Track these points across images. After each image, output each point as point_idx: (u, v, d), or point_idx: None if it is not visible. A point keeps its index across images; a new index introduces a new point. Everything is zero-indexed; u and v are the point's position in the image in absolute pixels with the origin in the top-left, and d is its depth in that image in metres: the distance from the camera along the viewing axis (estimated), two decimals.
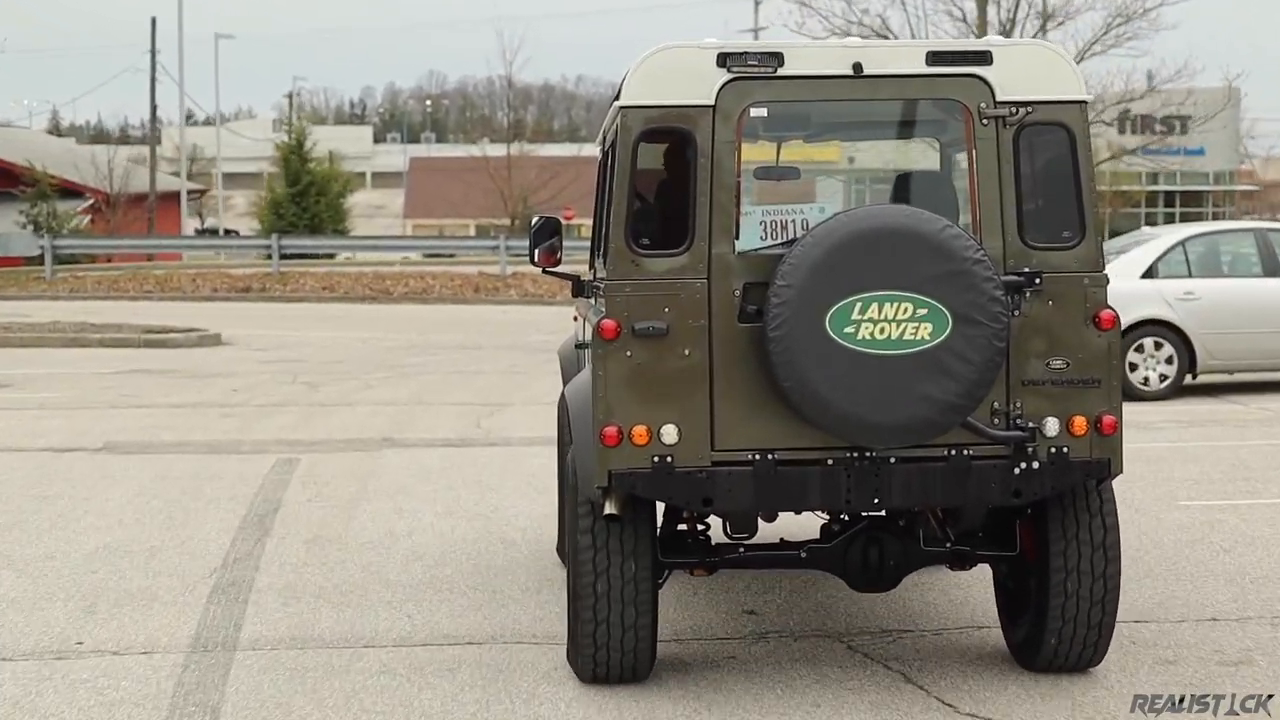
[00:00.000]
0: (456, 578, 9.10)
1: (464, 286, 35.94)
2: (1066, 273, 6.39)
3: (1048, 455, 6.36)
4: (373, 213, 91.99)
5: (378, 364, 22.31)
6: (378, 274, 37.09)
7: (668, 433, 6.28)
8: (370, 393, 18.79)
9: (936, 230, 6.09)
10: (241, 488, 12.24)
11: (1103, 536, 6.59)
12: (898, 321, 6.05)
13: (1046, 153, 6.47)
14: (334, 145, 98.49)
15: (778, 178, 7.80)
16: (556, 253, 7.71)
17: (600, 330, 6.30)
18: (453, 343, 25.84)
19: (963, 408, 6.15)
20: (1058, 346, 6.38)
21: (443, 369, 21.61)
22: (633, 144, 6.35)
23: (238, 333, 27.02)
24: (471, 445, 14.54)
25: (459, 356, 23.48)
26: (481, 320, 30.44)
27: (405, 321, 29.98)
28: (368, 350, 24.44)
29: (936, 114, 6.99)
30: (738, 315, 6.33)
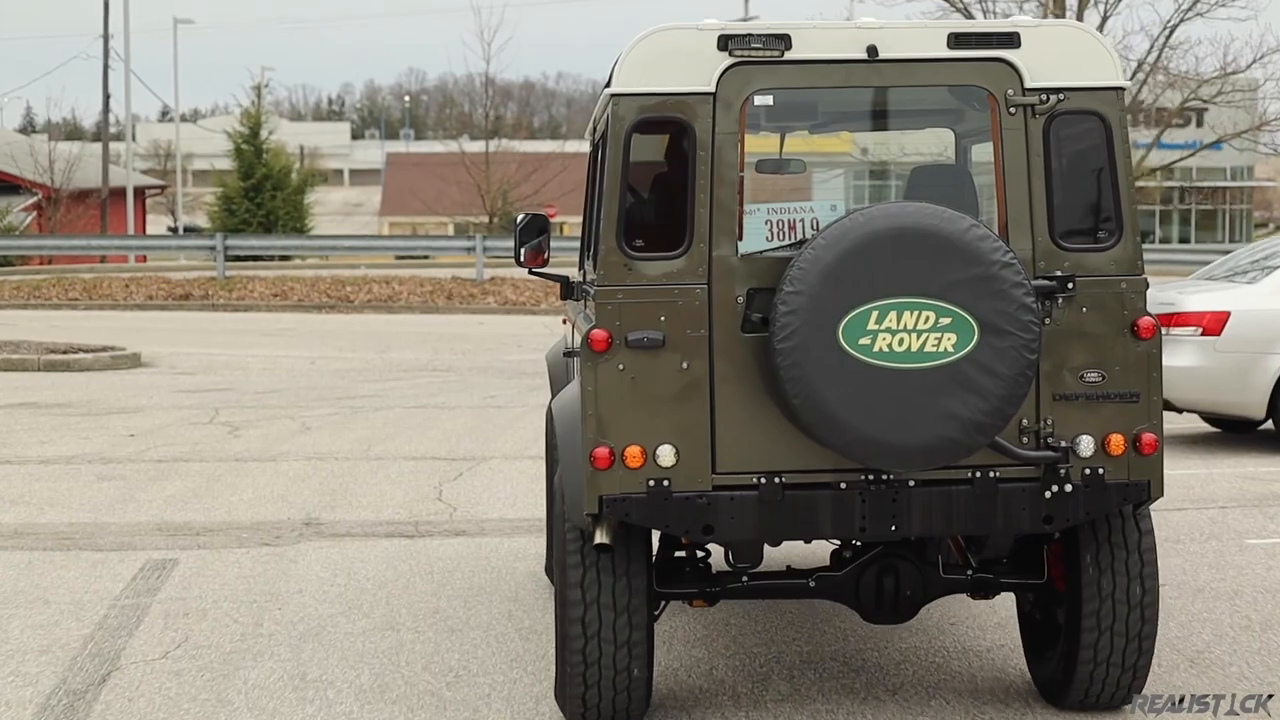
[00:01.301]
0: None
1: (435, 293, 31.67)
2: (1102, 276, 6.07)
3: (1082, 477, 6.05)
4: (351, 210, 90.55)
5: (323, 394, 18.15)
6: (337, 279, 32.77)
7: (664, 454, 5.93)
8: (305, 439, 14.62)
9: (961, 231, 5.74)
10: (71, 626, 8.07)
11: (1140, 569, 6.30)
12: (918, 332, 5.72)
13: (1080, 144, 6.13)
14: (311, 142, 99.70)
15: (780, 171, 7.37)
16: (543, 252, 7.18)
17: (590, 341, 5.94)
18: (418, 363, 21.69)
19: (990, 427, 5.80)
20: (1093, 357, 6.06)
21: (403, 401, 17.46)
22: (625, 136, 5.98)
23: (163, 350, 22.81)
24: (429, 534, 10.40)
25: (424, 383, 19.34)
26: (454, 334, 26.23)
27: (365, 336, 25.77)
28: (315, 375, 20.27)
29: (953, 102, 6.72)
30: (741, 324, 5.99)
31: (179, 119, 66.11)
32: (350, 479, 12.47)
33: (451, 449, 14.03)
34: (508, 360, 22.02)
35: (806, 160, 7.84)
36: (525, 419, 15.88)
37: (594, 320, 6.02)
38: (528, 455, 13.51)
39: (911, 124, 7.41)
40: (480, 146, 49.48)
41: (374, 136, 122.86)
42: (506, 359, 22.22)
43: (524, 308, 30.72)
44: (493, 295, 31.61)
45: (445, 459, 13.47)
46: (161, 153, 72.11)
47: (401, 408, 16.95)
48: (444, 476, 12.58)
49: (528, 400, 17.43)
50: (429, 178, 58.22)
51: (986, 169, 6.33)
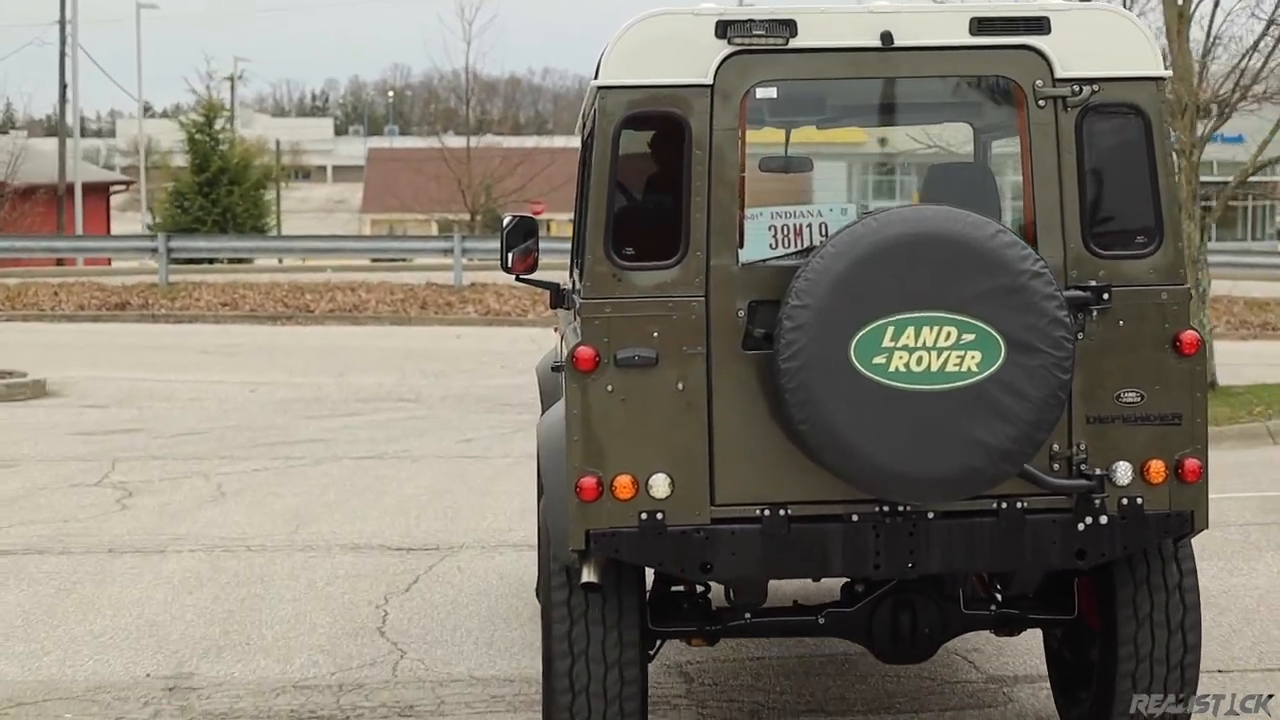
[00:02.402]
0: None
1: (407, 301, 27.77)
2: (1141, 286, 5.71)
3: (1118, 508, 5.68)
4: (333, 207, 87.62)
5: (256, 437, 14.55)
6: (295, 285, 28.80)
7: (658, 484, 5.54)
8: (214, 513, 11.01)
9: (986, 237, 5.37)
10: None
11: (1181, 616, 5.93)
12: (939, 349, 5.36)
13: (1116, 140, 5.74)
14: (293, 137, 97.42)
15: (787, 169, 7.10)
16: (532, 257, 6.48)
17: (575, 359, 5.54)
18: (381, 391, 18.07)
19: (1018, 455, 5.43)
20: (1130, 376, 5.69)
21: (354, 448, 13.86)
22: (613, 132, 5.59)
23: (78, 375, 19.14)
24: (358, 716, 6.72)
25: (384, 420, 15.73)
26: (427, 350, 22.53)
27: (322, 353, 22.04)
28: (252, 408, 16.65)
29: (973, 94, 6.26)
30: (742, 341, 5.60)
31: (142, 110, 62.24)
32: (260, 589, 8.82)
33: (408, 531, 10.38)
34: (488, 386, 18.39)
35: (814, 153, 7.52)
36: (509, 477, 12.27)
37: (580, 336, 5.66)
38: (510, 542, 9.91)
39: (928, 119, 7.08)
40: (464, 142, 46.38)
41: (358, 133, 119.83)
42: (487, 384, 18.60)
43: (508, 318, 26.90)
44: (473, 303, 27.73)
45: (398, 549, 9.83)
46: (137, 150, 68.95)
47: (351, 459, 13.31)
48: (393, 584, 8.94)
49: (511, 446, 13.80)
50: (412, 174, 55.42)
51: (1009, 167, 6.04)
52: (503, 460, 13.17)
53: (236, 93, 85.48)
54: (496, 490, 11.83)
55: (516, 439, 14.20)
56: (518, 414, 15.84)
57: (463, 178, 41.60)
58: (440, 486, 12.02)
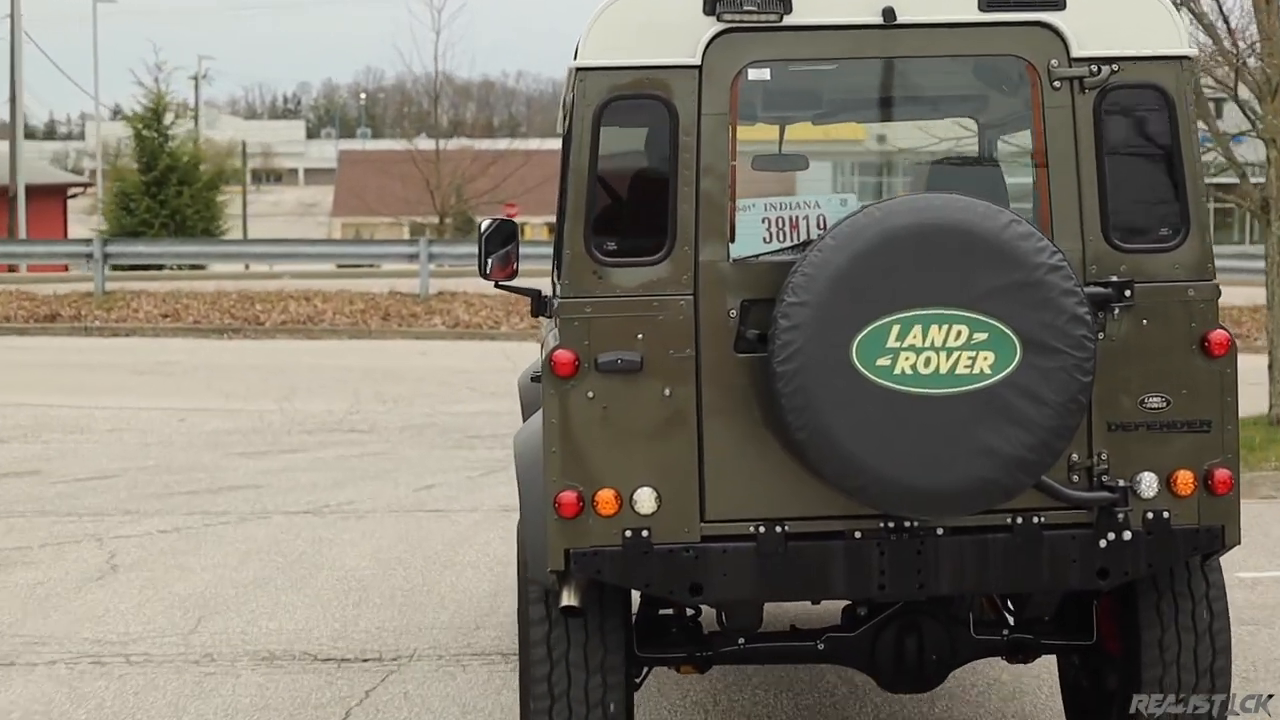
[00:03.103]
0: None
1: (368, 312, 25.14)
2: (1166, 282, 5.38)
3: (1143, 522, 5.35)
4: (305, 211, 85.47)
5: (173, 483, 12.18)
6: (245, 294, 26.14)
7: (643, 499, 5.22)
8: (97, 597, 8.67)
9: (999, 227, 5.06)
10: None
11: (1209, 623, 5.63)
12: (948, 350, 5.04)
13: (1138, 125, 5.44)
14: (264, 139, 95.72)
15: (780, 168, 6.92)
16: (512, 263, 6.06)
17: (553, 363, 5.21)
18: (330, 419, 15.67)
19: (1035, 465, 5.10)
20: (1155, 379, 5.37)
21: (289, 499, 11.49)
22: (593, 118, 5.28)
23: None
24: None
25: (331, 458, 13.35)
26: (387, 369, 20.02)
27: (270, 372, 19.55)
28: (177, 442, 14.25)
29: (980, 80, 5.99)
30: (734, 343, 5.28)
31: (98, 110, 59.41)
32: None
33: (343, 629, 7.98)
34: (455, 414, 15.98)
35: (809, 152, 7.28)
36: (477, 540, 9.91)
37: (558, 339, 5.27)
38: (478, 648, 7.53)
39: (931, 111, 6.82)
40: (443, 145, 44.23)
41: (330, 135, 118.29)
42: (453, 411, 16.20)
43: (479, 331, 24.35)
44: (440, 315, 25.14)
45: (327, 659, 7.45)
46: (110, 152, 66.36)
47: (283, 514, 10.90)
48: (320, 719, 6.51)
49: (481, 496, 11.43)
50: (384, 176, 53.50)
51: (1020, 166, 5.84)
52: (470, 516, 10.77)
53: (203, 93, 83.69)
54: (461, 560, 9.43)
55: (487, 485, 11.80)
56: (488, 448, 13.48)
57: (431, 178, 39.17)
58: (390, 554, 9.60)
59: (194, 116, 58.42)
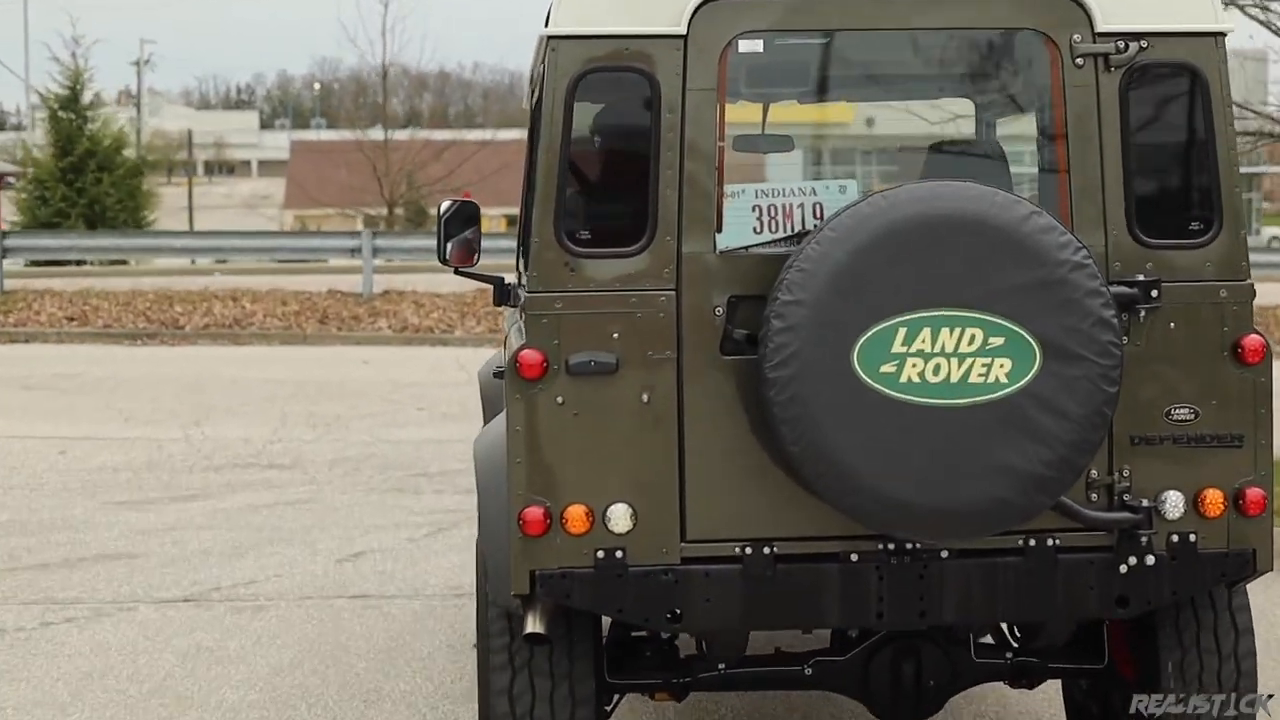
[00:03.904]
0: None
1: (303, 314, 22.25)
2: (1196, 281, 5.01)
3: (1167, 545, 5.01)
4: (257, 203, 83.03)
5: (20, 551, 9.74)
6: (163, 294, 23.18)
7: (617, 516, 4.83)
8: None
9: (1019, 219, 4.65)
10: None
11: (1233, 642, 5.29)
12: (960, 356, 4.67)
13: (1168, 107, 5.07)
14: (217, 130, 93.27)
15: (763, 149, 6.35)
16: (473, 248, 5.70)
17: (518, 364, 4.82)
18: (246, 451, 12.92)
19: (1054, 483, 4.74)
20: (1183, 388, 5.01)
21: (169, 576, 9.01)
22: (566, 92, 4.87)
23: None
24: None
25: (237, 508, 10.69)
26: (321, 381, 17.15)
27: (182, 388, 16.64)
28: (50, 485, 11.58)
29: (973, 58, 5.53)
30: (720, 344, 4.91)
31: (28, 92, 56.26)
32: None
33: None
34: (399, 441, 13.24)
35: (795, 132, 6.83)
36: (413, 652, 7.41)
37: (525, 337, 4.88)
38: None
39: (924, 91, 6.33)
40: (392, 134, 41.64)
41: (284, 126, 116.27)
42: (397, 437, 13.46)
43: (430, 335, 21.53)
44: (385, 316, 22.30)
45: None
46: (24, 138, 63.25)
47: (155, 603, 8.19)
48: None
49: (425, 568, 8.80)
50: (337, 167, 51.11)
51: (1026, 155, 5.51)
52: (408, 607, 8.04)
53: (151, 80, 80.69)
54: (394, 691, 6.64)
55: (433, 551, 9.09)
56: (436, 492, 10.81)
57: (379, 163, 36.35)
58: (290, 686, 6.88)
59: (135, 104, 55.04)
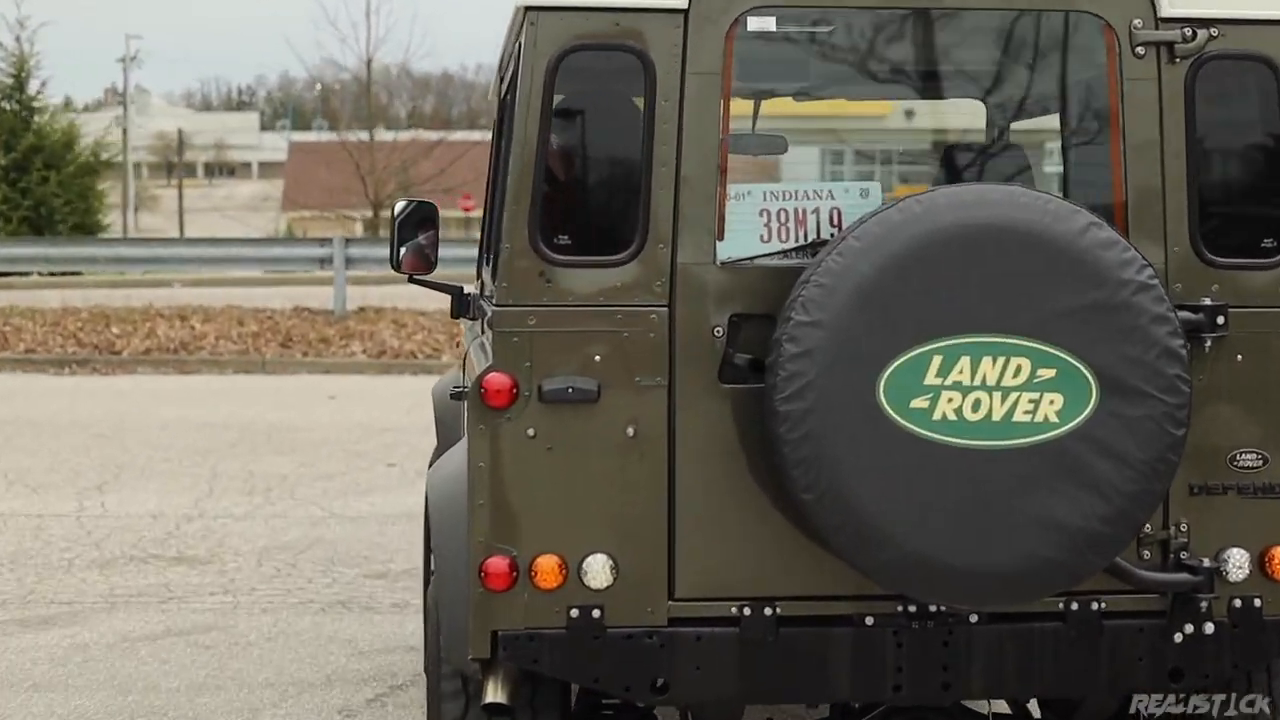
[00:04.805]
0: None
1: (262, 335, 19.00)
2: (1267, 307, 4.50)
3: (1228, 611, 4.51)
4: (258, 205, 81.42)
5: None
6: (98, 312, 19.90)
7: (595, 569, 4.32)
8: None
9: (1075, 232, 4.12)
10: None
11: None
12: (1005, 390, 4.14)
13: (1239, 105, 4.57)
14: (217, 131, 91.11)
15: (756, 151, 5.71)
16: (430, 254, 5.22)
17: (484, 390, 4.29)
18: (147, 536, 9.83)
19: (1111, 542, 4.21)
20: (1250, 430, 4.51)
21: None
22: (546, 73, 4.34)
23: None
24: None
25: (104, 638, 7.58)
26: (275, 426, 13.86)
27: (95, 436, 13.25)
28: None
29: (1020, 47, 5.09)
30: (720, 370, 4.40)
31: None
32: None
33: None
34: (360, 517, 10.20)
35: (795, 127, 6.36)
36: None
37: (491, 358, 4.34)
38: None
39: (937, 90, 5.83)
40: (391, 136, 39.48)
41: (285, 128, 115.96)
42: (357, 511, 10.41)
43: (411, 361, 18.19)
44: (359, 338, 18.94)
45: None
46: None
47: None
48: None
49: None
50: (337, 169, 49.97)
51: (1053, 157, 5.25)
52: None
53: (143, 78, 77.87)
54: None
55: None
56: (396, 610, 8.16)
57: (363, 162, 33.53)
58: None
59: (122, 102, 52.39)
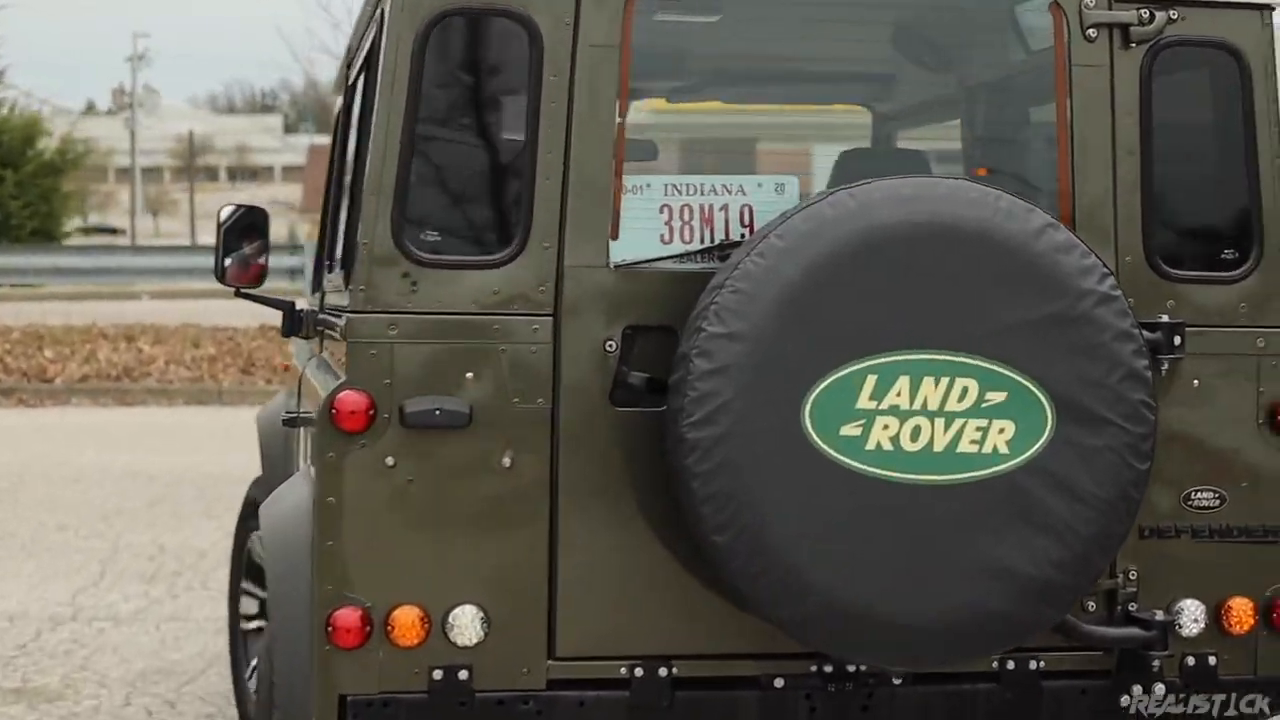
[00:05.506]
0: None
1: (220, 360, 16.34)
2: (1227, 327, 4.10)
3: (1181, 670, 4.12)
4: (279, 210, 79.26)
5: None
6: (30, 332, 17.31)
7: (463, 623, 3.80)
8: None
9: (1030, 234, 3.64)
10: None
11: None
12: (948, 416, 3.63)
13: (1200, 98, 4.19)
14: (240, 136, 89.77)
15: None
16: (258, 263, 4.71)
17: (335, 412, 3.73)
18: (3, 643, 6.94)
19: (1065, 592, 3.73)
20: (1206, 465, 4.10)
21: None
22: (415, 43, 3.81)
23: None
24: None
25: None
26: (211, 476, 11.11)
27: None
28: None
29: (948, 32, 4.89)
30: (612, 391, 3.85)
31: None
32: None
33: None
34: None
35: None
36: None
37: (344, 374, 3.79)
38: None
39: (819, 92, 5.72)
40: None
41: (308, 130, 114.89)
42: None
43: None
44: None
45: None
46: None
47: None
48: None
49: None
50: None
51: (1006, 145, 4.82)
52: None
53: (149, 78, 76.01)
54: None
55: None
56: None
57: None
58: None
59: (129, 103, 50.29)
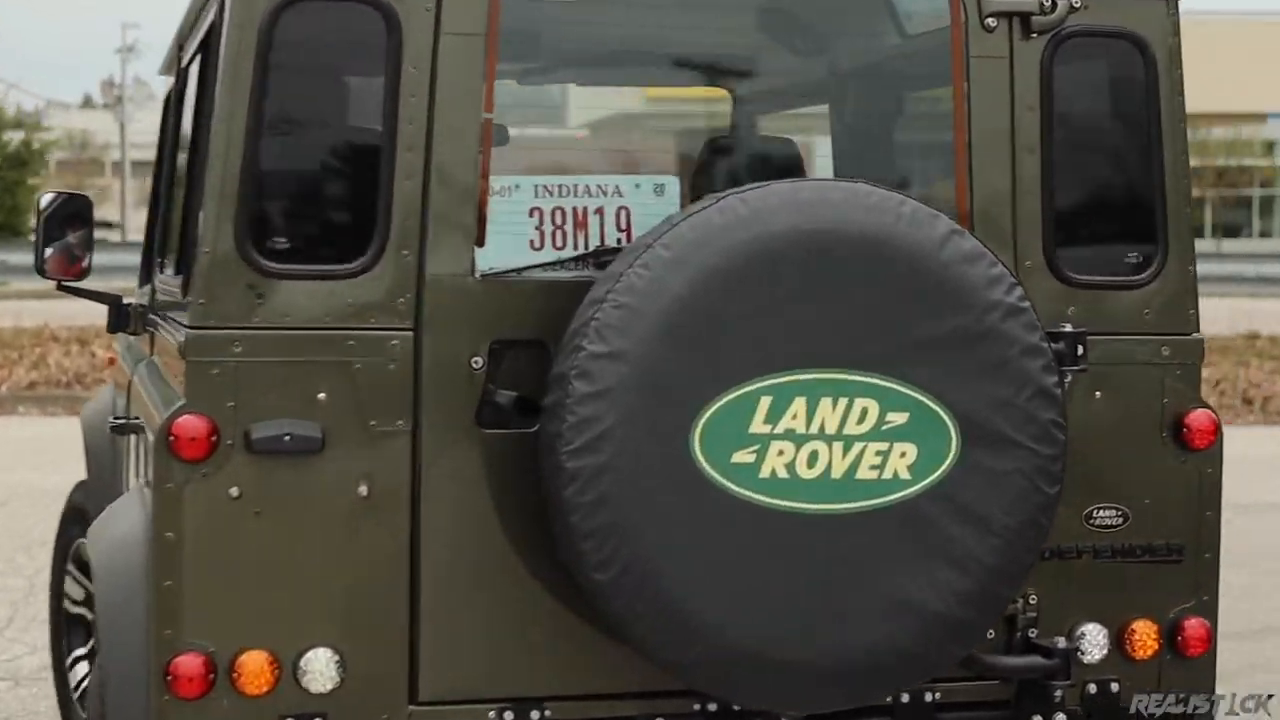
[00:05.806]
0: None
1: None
2: (1130, 334, 3.92)
3: (1082, 698, 3.93)
4: None
5: None
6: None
7: (316, 667, 3.52)
8: None
9: (934, 241, 3.43)
10: None
11: None
12: (847, 440, 3.44)
13: (1102, 92, 4.02)
14: None
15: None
16: (82, 256, 4.53)
17: (173, 439, 3.42)
18: None
19: (972, 627, 3.55)
20: (1107, 482, 3.93)
21: None
22: (260, 31, 3.50)
23: None
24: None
25: None
26: None
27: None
28: None
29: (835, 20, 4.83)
30: (479, 412, 3.58)
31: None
32: None
33: None
34: None
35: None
36: None
37: (183, 395, 3.47)
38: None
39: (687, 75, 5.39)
40: None
41: None
42: None
43: None
44: None
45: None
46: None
47: None
48: None
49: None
50: None
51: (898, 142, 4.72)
52: None
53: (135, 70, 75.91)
54: None
55: None
56: None
57: None
58: None
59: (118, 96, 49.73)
